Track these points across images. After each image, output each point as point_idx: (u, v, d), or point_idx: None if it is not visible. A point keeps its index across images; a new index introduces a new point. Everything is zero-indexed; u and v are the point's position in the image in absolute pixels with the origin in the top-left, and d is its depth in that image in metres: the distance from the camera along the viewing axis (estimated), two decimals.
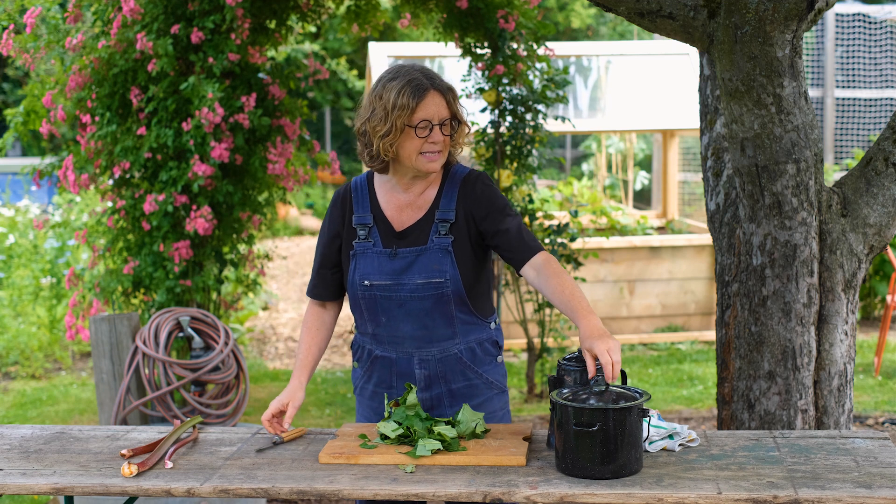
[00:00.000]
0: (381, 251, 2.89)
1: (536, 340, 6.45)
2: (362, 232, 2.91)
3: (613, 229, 8.46)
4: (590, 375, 2.58)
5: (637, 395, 2.60)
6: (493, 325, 2.98)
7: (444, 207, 2.89)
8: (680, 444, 2.74)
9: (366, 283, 2.88)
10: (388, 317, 2.89)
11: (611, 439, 2.49)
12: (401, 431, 2.74)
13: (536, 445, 2.77)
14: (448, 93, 2.80)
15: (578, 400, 2.59)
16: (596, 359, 2.58)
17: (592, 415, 2.50)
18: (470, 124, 2.91)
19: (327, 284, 3.01)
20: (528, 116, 5.91)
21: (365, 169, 3.21)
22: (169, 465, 2.69)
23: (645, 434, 2.59)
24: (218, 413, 4.79)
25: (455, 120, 2.83)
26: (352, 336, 8.43)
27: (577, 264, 6.17)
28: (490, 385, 2.97)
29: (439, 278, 2.85)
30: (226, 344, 4.86)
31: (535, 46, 5.76)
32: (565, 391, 2.65)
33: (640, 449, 2.56)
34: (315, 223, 15.43)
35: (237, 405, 4.89)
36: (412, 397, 2.80)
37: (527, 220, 6.08)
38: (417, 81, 2.77)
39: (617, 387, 2.65)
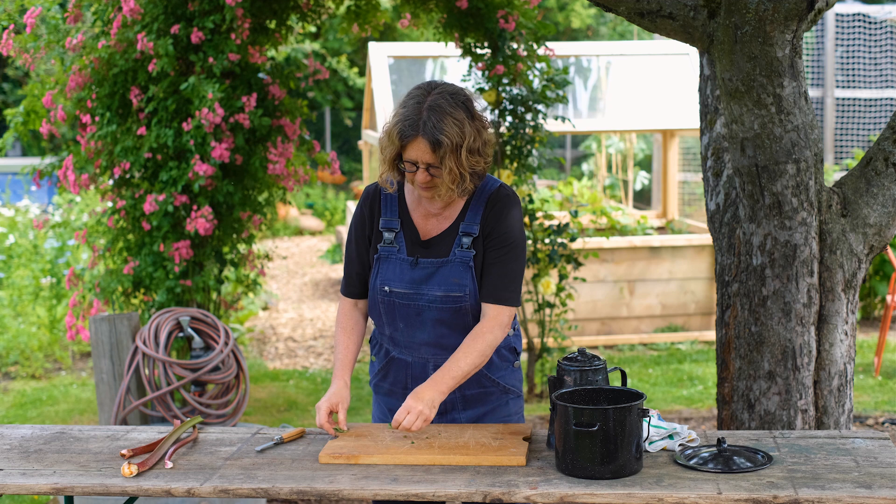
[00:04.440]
0: (403, 259, 2.88)
1: (536, 340, 6.45)
2: (388, 236, 2.89)
3: (613, 229, 8.46)
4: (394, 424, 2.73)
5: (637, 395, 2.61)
6: (511, 332, 2.98)
7: (468, 221, 2.88)
8: (680, 444, 2.74)
9: (385, 288, 2.88)
10: (405, 323, 2.90)
11: (611, 439, 2.49)
12: None
13: (536, 445, 2.77)
14: (435, 144, 2.68)
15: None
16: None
17: (592, 415, 2.51)
18: (476, 166, 2.76)
19: (359, 282, 2.99)
20: (528, 116, 5.91)
21: None
22: (169, 465, 2.69)
23: (645, 434, 2.59)
24: (218, 413, 4.79)
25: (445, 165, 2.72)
26: None
27: (578, 264, 6.17)
28: (505, 391, 2.99)
29: (458, 292, 2.86)
30: (226, 344, 4.86)
31: (535, 46, 5.76)
32: (565, 391, 2.66)
33: (641, 449, 2.56)
34: (315, 223, 15.42)
35: (237, 405, 4.89)
36: None
37: (527, 220, 6.07)
38: (410, 122, 2.70)
39: (613, 388, 2.67)
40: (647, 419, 2.60)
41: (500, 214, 2.86)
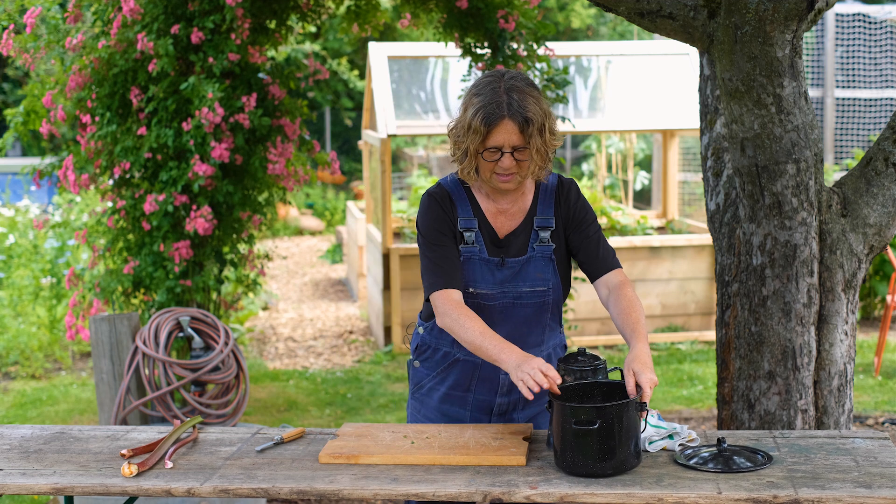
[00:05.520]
0: (486, 259, 2.86)
1: None
2: (469, 235, 2.86)
3: (613, 229, 8.46)
4: (629, 393, 2.57)
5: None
6: (562, 330, 3.04)
7: (542, 215, 2.89)
8: (680, 444, 2.74)
9: (470, 290, 2.86)
10: (485, 322, 2.87)
11: (609, 436, 2.49)
12: None
13: (536, 445, 2.77)
14: (524, 123, 2.69)
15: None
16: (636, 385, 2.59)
17: (590, 412, 2.51)
18: (554, 146, 2.79)
19: (461, 271, 2.86)
20: None
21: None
22: (169, 465, 2.69)
23: (643, 427, 2.59)
24: (218, 413, 4.79)
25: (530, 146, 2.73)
26: (352, 336, 8.45)
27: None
28: None
29: (542, 287, 2.88)
30: (226, 344, 4.86)
31: (535, 46, 5.75)
32: (560, 386, 2.65)
33: (639, 444, 2.56)
34: (315, 223, 15.42)
35: (237, 405, 4.89)
36: None
37: None
38: (495, 106, 2.70)
39: (609, 382, 2.69)
40: (645, 414, 2.59)
41: (576, 199, 2.92)
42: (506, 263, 2.86)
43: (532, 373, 2.57)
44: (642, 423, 2.60)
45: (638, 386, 2.58)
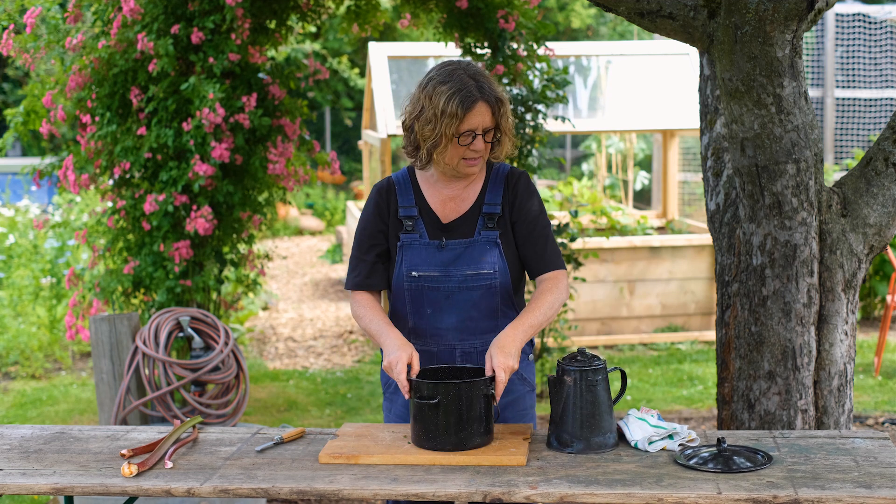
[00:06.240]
0: (428, 243, 2.92)
1: (537, 340, 6.46)
2: (408, 224, 2.93)
3: (613, 229, 8.46)
4: (486, 373, 2.71)
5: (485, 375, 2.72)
6: None
7: (490, 202, 2.95)
8: (680, 444, 2.74)
9: (413, 273, 2.91)
10: (433, 308, 2.92)
11: (449, 412, 2.63)
12: None
13: (536, 445, 2.77)
14: (496, 104, 2.81)
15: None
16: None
17: (430, 388, 2.65)
18: (512, 133, 2.91)
19: (377, 272, 2.96)
20: (528, 116, 5.91)
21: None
22: (169, 465, 2.69)
23: (495, 416, 2.72)
24: (218, 413, 4.79)
25: (498, 129, 2.86)
26: (352, 336, 8.44)
27: (578, 264, 6.17)
28: (523, 381, 3.04)
29: (488, 269, 2.92)
30: (226, 344, 4.86)
31: (535, 46, 5.75)
32: (430, 368, 2.81)
33: (488, 424, 2.68)
34: (315, 223, 15.43)
35: (237, 405, 4.89)
36: None
37: None
38: (468, 90, 2.78)
39: (477, 367, 2.81)
40: (496, 398, 2.66)
41: (523, 191, 2.97)
42: (446, 245, 2.91)
43: (398, 362, 2.71)
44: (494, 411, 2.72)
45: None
